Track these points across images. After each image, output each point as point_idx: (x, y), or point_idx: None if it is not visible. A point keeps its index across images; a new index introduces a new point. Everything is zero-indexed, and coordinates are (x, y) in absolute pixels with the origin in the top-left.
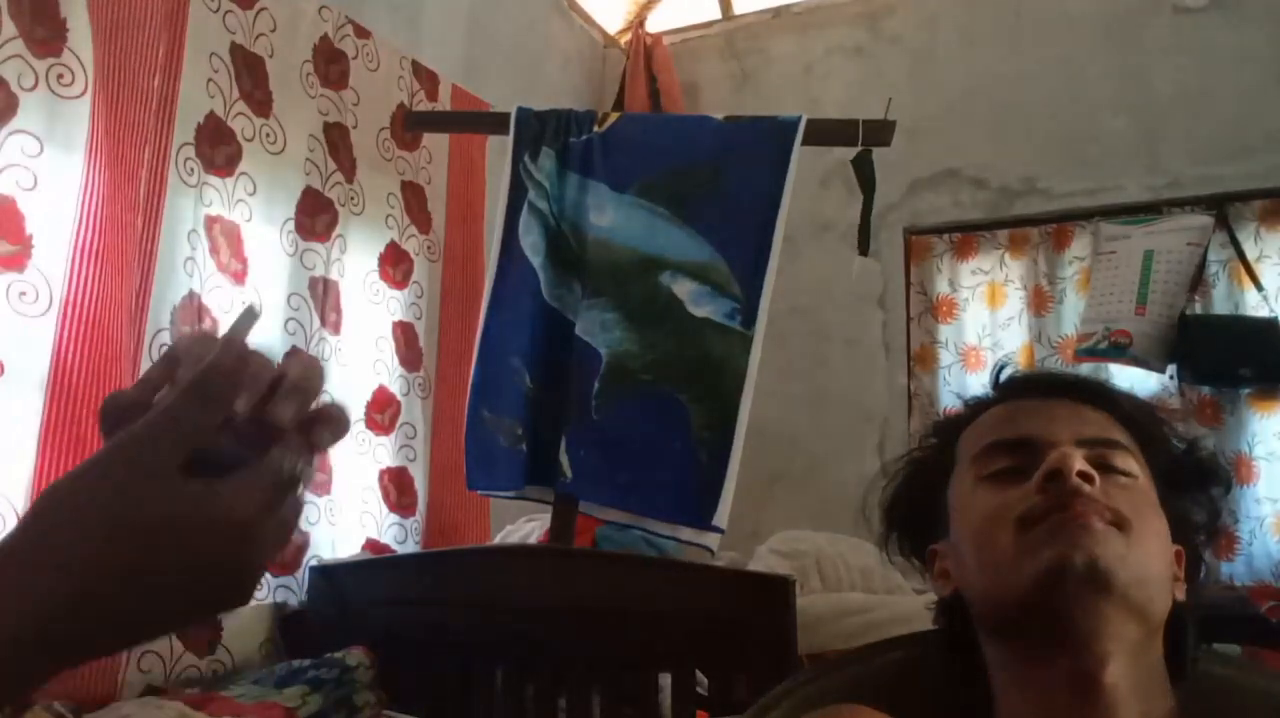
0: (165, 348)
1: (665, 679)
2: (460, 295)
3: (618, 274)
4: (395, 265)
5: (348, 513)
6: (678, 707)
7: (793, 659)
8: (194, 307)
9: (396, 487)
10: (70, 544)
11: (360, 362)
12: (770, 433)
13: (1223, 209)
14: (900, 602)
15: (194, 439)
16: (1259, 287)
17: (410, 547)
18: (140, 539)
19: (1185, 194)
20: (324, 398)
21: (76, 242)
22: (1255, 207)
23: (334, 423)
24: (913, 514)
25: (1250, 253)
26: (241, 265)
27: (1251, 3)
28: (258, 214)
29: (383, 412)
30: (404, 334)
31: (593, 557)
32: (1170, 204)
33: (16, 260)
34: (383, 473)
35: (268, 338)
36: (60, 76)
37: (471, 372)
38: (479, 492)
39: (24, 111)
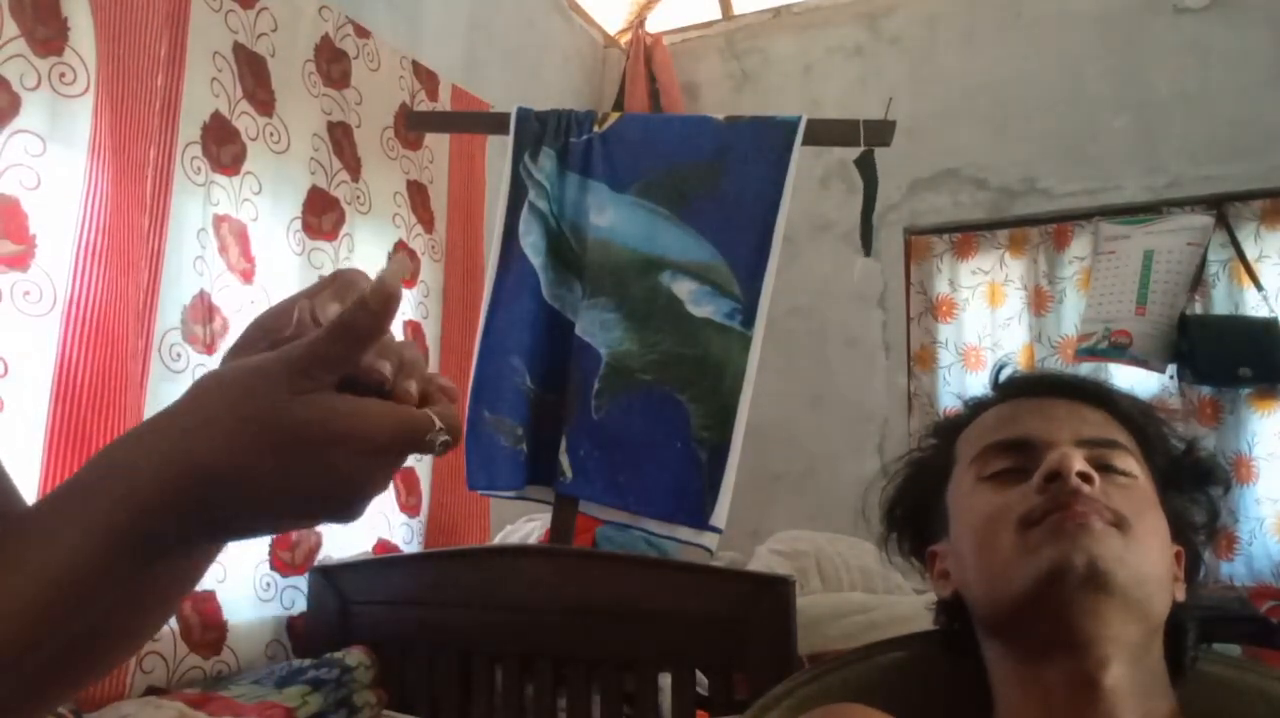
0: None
1: (665, 679)
2: (461, 295)
3: (618, 274)
4: None
5: None
6: (678, 707)
7: (793, 659)
8: (204, 305)
9: (405, 486)
10: (221, 428)
11: None
12: (770, 433)
13: (1223, 209)
14: (900, 602)
15: (340, 369)
16: (1259, 287)
17: (415, 547)
18: (286, 434)
19: (1185, 194)
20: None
21: (80, 241)
22: (1255, 207)
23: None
24: (912, 515)
25: (1250, 253)
26: (249, 265)
27: (1251, 3)
28: (264, 213)
29: None
30: (414, 333)
31: (593, 557)
32: (1170, 204)
33: (20, 260)
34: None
35: None
36: (62, 76)
37: (472, 371)
38: (479, 492)
39: (26, 111)
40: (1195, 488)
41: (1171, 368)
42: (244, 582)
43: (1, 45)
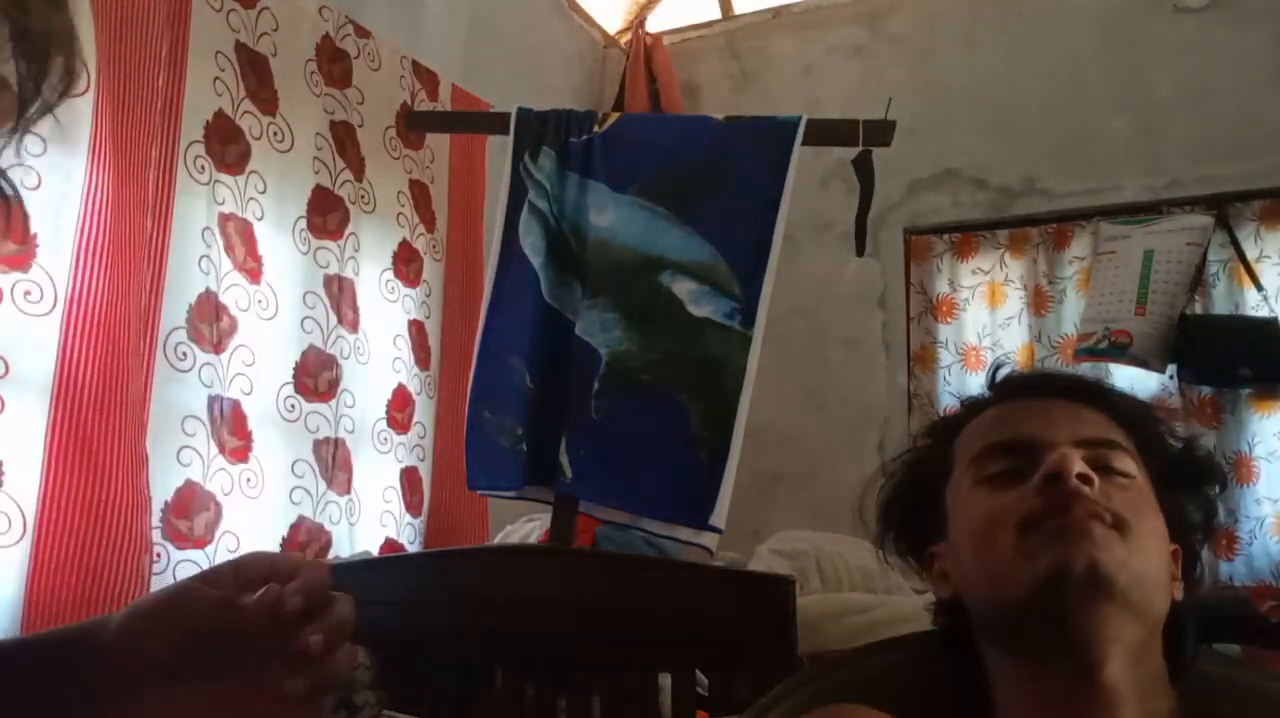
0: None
1: (665, 679)
2: (461, 295)
3: (618, 274)
4: (408, 264)
5: (369, 513)
6: (678, 707)
7: (793, 659)
8: (211, 304)
9: (409, 486)
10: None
11: (380, 359)
12: (770, 433)
13: (1223, 209)
14: (900, 602)
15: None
16: (1259, 287)
17: (416, 547)
18: None
19: (1185, 194)
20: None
21: (80, 240)
22: (1255, 206)
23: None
24: (910, 516)
25: (1250, 253)
26: (256, 263)
27: (1251, 3)
28: (269, 212)
29: (402, 410)
30: (418, 333)
31: (593, 557)
32: (1170, 204)
33: (21, 259)
34: (402, 473)
35: (285, 335)
36: None
37: (472, 371)
38: (479, 492)
39: None
40: (1193, 487)
41: (1171, 368)
42: None
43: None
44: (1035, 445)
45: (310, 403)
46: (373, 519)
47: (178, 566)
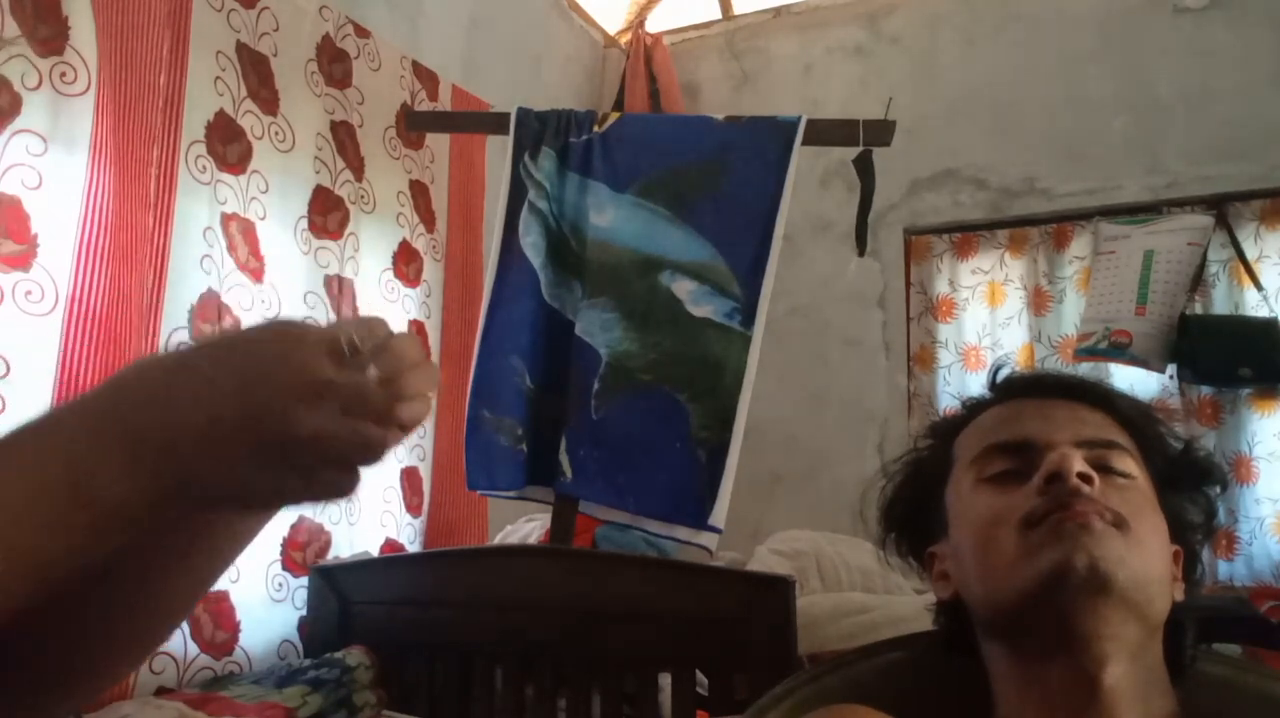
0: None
1: (665, 679)
2: (461, 295)
3: (618, 274)
4: (408, 264)
5: (369, 513)
6: (678, 707)
7: (793, 659)
8: (214, 304)
9: (410, 486)
10: (218, 387)
11: None
12: (770, 433)
13: (1223, 209)
14: (900, 602)
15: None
16: (1259, 287)
17: (416, 547)
18: (279, 400)
19: (1185, 194)
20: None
21: (82, 240)
22: (1255, 207)
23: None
24: (910, 516)
25: (1250, 253)
26: (259, 263)
27: (1251, 3)
28: (272, 212)
29: None
30: (418, 333)
31: (593, 557)
32: (1170, 204)
33: (22, 260)
34: (402, 473)
35: None
36: (63, 75)
37: (472, 371)
38: (479, 492)
39: (28, 110)
40: (1193, 487)
41: (1171, 368)
42: (256, 582)
43: (2, 45)
44: (1036, 446)
45: None
46: (373, 519)
47: None
